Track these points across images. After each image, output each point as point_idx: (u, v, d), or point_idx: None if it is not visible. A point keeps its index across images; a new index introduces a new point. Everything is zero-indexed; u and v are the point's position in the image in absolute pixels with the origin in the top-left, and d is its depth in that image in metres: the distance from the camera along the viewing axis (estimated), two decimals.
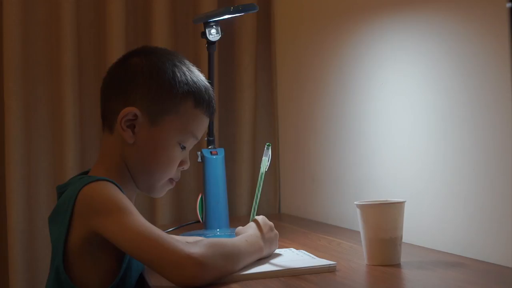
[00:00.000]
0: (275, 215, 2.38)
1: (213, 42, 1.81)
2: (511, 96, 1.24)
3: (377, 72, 1.73)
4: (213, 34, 1.79)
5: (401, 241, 1.30)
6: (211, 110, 1.41)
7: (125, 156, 1.35)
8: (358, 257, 1.39)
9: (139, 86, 1.35)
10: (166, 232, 1.27)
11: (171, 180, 1.41)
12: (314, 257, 1.39)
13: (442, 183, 1.47)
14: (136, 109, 1.33)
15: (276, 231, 1.43)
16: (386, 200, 1.34)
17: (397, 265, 1.29)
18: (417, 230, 1.50)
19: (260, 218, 1.42)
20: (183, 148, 1.39)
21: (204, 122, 1.41)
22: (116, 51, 2.25)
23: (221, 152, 1.80)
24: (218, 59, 2.35)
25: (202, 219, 1.82)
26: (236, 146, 2.41)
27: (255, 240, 1.34)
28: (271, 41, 2.47)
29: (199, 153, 1.82)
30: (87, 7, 2.32)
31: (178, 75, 1.36)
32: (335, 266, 1.30)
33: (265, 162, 1.43)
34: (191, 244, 1.19)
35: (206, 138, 1.84)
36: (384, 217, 1.29)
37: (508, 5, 1.02)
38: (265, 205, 2.45)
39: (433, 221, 1.50)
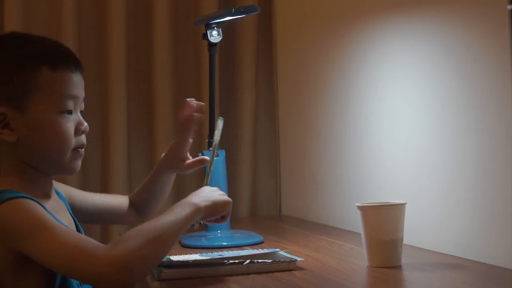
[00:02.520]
0: (276, 217, 2.38)
1: (214, 44, 1.81)
2: (511, 98, 1.25)
3: (378, 74, 1.74)
4: (214, 36, 1.79)
5: (402, 243, 1.31)
6: (73, 65, 1.28)
7: (19, 155, 1.25)
8: (359, 258, 1.39)
9: None
10: None
11: (76, 150, 1.29)
12: (282, 254, 1.41)
13: (442, 185, 1.48)
14: (0, 107, 1.23)
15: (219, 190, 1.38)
16: (387, 202, 1.34)
17: (398, 267, 1.30)
18: (417, 231, 1.50)
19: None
20: (69, 112, 1.27)
21: (73, 78, 1.27)
22: (117, 53, 2.26)
23: (222, 153, 1.80)
24: (219, 61, 2.35)
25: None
26: (237, 147, 2.42)
27: (183, 203, 1.27)
28: (272, 42, 2.47)
29: (200, 154, 1.82)
30: (88, 8, 2.32)
31: (18, 51, 1.25)
32: (295, 261, 1.33)
33: (217, 135, 1.48)
34: (113, 245, 1.12)
35: (207, 140, 1.84)
36: (385, 219, 1.30)
37: (509, 7, 1.02)
38: (266, 206, 2.45)
39: (433, 222, 1.51)
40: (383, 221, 1.30)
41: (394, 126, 1.68)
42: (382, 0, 1.72)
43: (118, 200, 1.59)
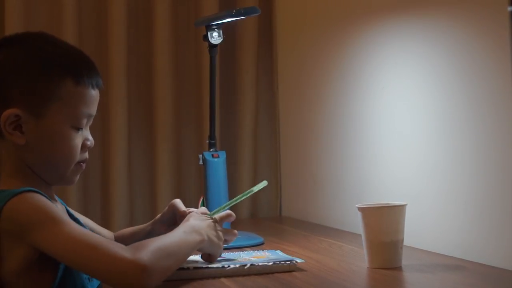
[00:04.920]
0: (276, 218, 2.38)
1: (215, 45, 1.81)
2: (511, 100, 1.25)
3: (378, 76, 1.74)
4: (215, 37, 1.79)
5: (402, 244, 1.31)
6: (95, 81, 1.28)
7: (23, 158, 1.25)
8: (359, 260, 1.39)
9: (10, 84, 1.24)
10: None
11: (79, 164, 1.30)
12: (282, 255, 1.42)
13: (442, 186, 1.48)
14: (16, 109, 1.22)
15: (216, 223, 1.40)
16: (388, 203, 1.35)
17: (398, 268, 1.30)
18: (418, 233, 1.51)
19: (203, 209, 1.43)
20: (80, 129, 1.28)
21: (93, 97, 1.28)
22: (117, 54, 2.26)
23: (222, 154, 1.81)
24: (219, 62, 2.35)
25: None
26: (238, 149, 2.42)
27: (192, 227, 1.31)
28: (272, 44, 2.47)
29: (200, 155, 1.82)
30: (89, 9, 2.33)
31: (46, 58, 1.25)
32: (296, 263, 1.33)
33: (255, 189, 1.43)
34: (133, 248, 1.14)
35: (207, 141, 1.85)
36: (386, 220, 1.30)
37: (509, 9, 1.03)
38: (266, 207, 2.45)
39: (434, 224, 1.51)
40: (383, 223, 1.30)
41: (395, 127, 1.68)
42: (382, 2, 1.73)
43: (104, 234, 1.53)
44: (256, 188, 1.43)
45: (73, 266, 1.17)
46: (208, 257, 1.37)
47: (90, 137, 1.31)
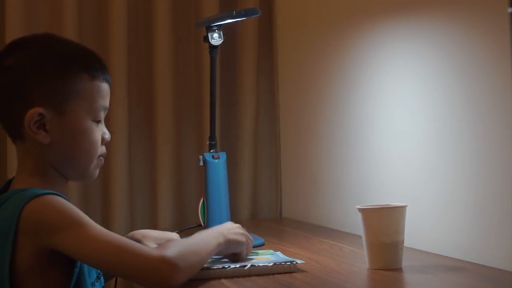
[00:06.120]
0: (277, 219, 2.38)
1: (215, 47, 1.81)
2: (511, 101, 1.25)
3: (378, 77, 1.74)
4: (215, 39, 1.79)
5: (402, 245, 1.31)
6: (107, 75, 1.33)
7: (47, 157, 1.27)
8: (359, 261, 1.39)
9: (28, 84, 1.26)
10: None
11: (99, 158, 1.34)
12: (282, 256, 1.43)
13: (443, 187, 1.48)
14: (39, 108, 1.24)
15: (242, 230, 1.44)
16: (388, 204, 1.35)
17: (399, 269, 1.30)
18: (418, 234, 1.51)
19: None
20: (99, 122, 1.33)
21: (106, 90, 1.34)
22: (117, 55, 2.26)
23: (222, 156, 1.81)
24: (220, 63, 2.35)
25: (203, 222, 1.82)
26: (238, 150, 2.42)
27: (215, 231, 1.37)
28: (273, 45, 2.47)
29: (201, 156, 1.82)
30: (89, 10, 2.33)
31: (61, 56, 1.28)
32: (296, 264, 1.34)
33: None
34: (161, 247, 1.20)
35: (208, 142, 1.85)
36: (386, 221, 1.30)
37: (509, 10, 1.03)
38: (267, 208, 2.45)
39: (434, 225, 1.51)
40: (383, 224, 1.30)
41: (395, 128, 1.68)
42: (383, 4, 1.73)
43: None
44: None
45: (100, 267, 1.22)
46: (234, 257, 1.40)
47: (107, 131, 1.35)
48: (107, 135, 1.35)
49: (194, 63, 2.40)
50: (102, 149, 1.34)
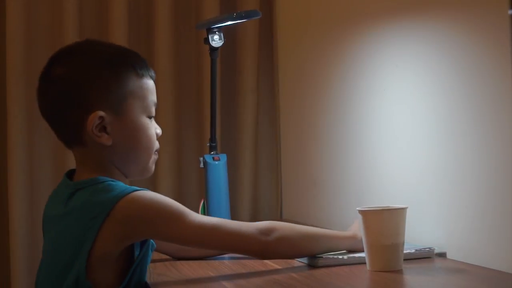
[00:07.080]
0: (277, 220, 2.38)
1: (216, 48, 1.81)
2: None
3: (379, 79, 1.74)
4: (216, 40, 1.80)
5: (403, 247, 1.31)
6: (151, 72, 1.40)
7: (110, 157, 1.33)
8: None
9: (84, 90, 1.31)
10: None
11: (155, 153, 1.41)
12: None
13: (443, 189, 1.48)
14: (98, 111, 1.29)
15: None
16: (388, 206, 1.34)
17: (399, 271, 1.30)
18: (418, 235, 1.50)
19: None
20: (152, 118, 1.40)
21: (153, 86, 1.40)
22: None
23: (223, 158, 1.81)
24: (220, 65, 2.35)
25: None
26: (238, 152, 2.42)
27: (350, 232, 1.46)
28: (273, 47, 2.47)
29: (201, 158, 1.82)
30: (90, 11, 2.33)
31: (110, 58, 1.34)
32: (434, 250, 1.41)
33: None
34: (265, 227, 1.34)
35: (208, 144, 1.85)
36: (386, 223, 1.30)
37: (510, 12, 1.03)
38: (267, 210, 2.45)
39: (434, 226, 1.50)
40: (384, 225, 1.30)
41: (395, 130, 1.68)
42: (383, 5, 1.73)
43: None
44: None
45: (202, 247, 1.41)
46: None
47: (158, 126, 1.41)
48: (159, 130, 1.41)
49: (194, 65, 2.40)
50: (157, 144, 1.40)
